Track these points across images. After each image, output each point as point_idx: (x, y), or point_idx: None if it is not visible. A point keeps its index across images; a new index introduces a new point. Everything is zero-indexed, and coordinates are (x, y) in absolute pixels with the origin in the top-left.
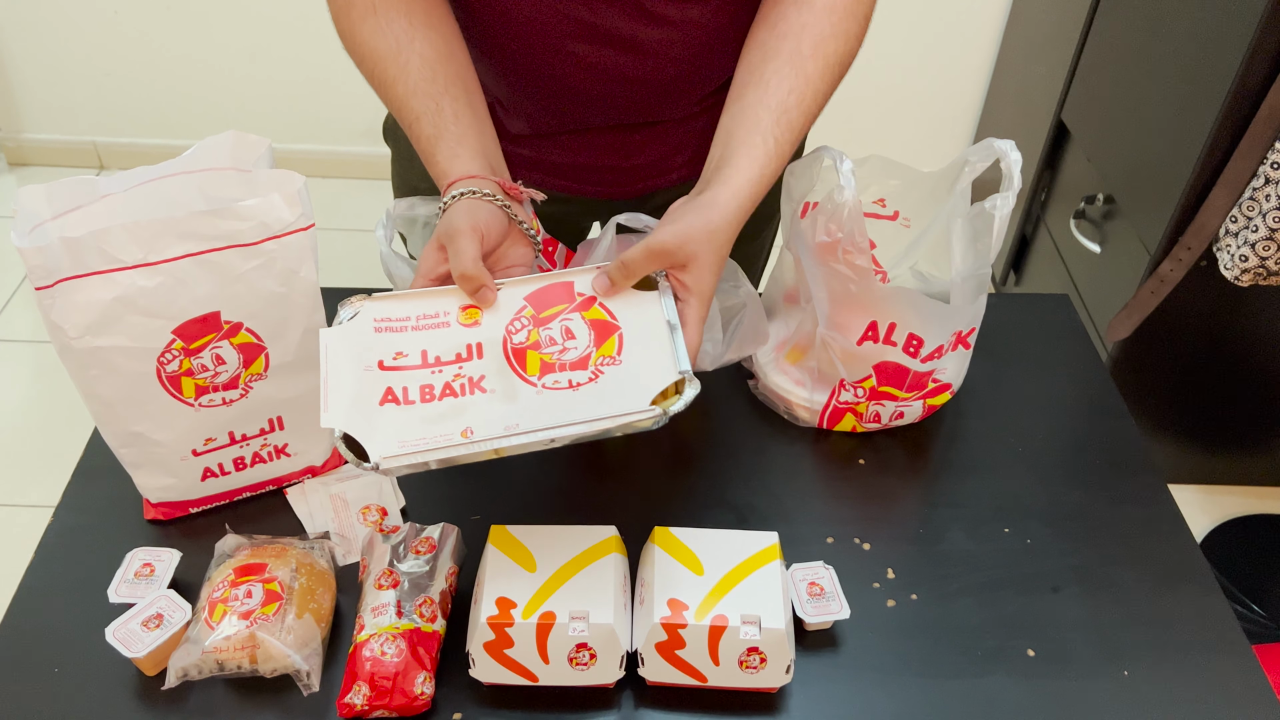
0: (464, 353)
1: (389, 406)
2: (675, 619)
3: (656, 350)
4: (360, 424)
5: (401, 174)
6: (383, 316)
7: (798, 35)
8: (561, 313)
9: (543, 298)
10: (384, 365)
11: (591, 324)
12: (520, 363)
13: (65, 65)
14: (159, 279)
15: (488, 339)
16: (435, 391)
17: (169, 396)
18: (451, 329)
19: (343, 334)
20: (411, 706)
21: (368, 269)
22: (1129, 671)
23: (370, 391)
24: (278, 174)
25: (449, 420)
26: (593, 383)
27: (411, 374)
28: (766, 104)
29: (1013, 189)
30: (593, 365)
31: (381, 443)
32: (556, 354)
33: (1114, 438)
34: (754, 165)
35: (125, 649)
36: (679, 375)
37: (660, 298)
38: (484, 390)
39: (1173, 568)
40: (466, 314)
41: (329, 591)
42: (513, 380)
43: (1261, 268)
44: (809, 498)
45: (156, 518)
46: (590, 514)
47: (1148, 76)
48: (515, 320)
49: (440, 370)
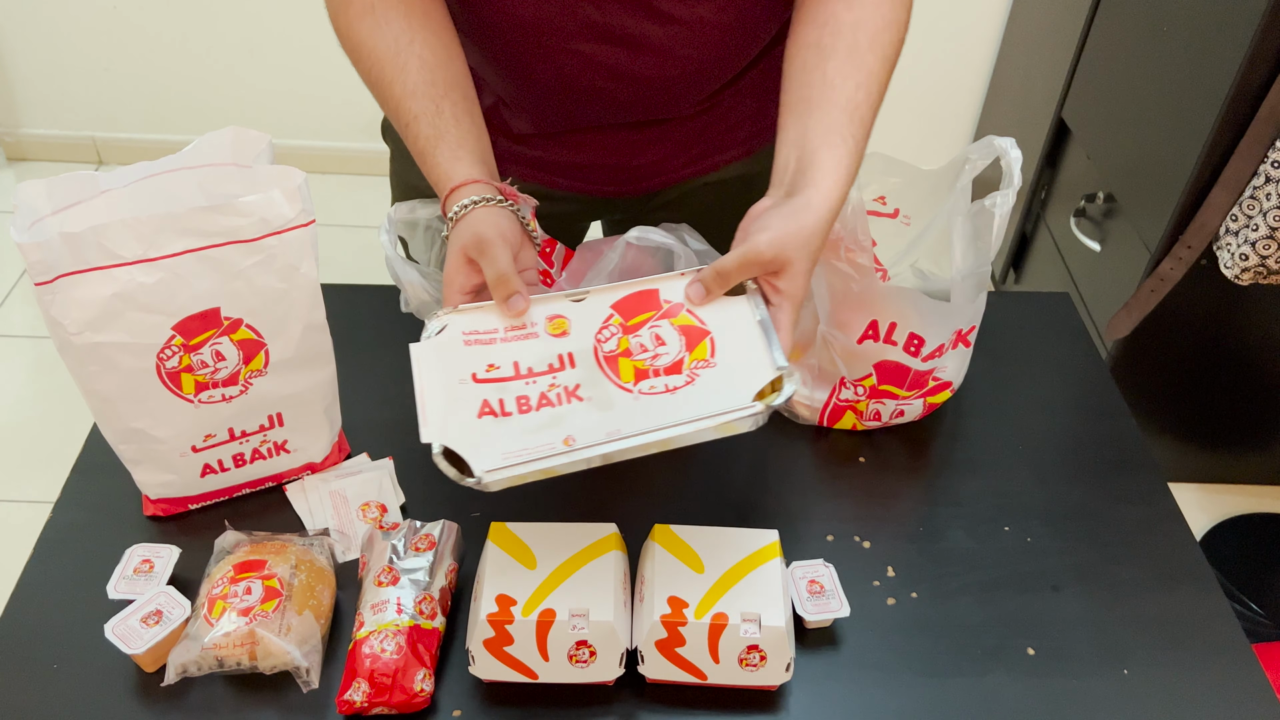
0: (556, 363)
1: (487, 419)
2: (675, 616)
3: (749, 351)
4: (460, 437)
5: (400, 172)
6: (470, 329)
7: (853, 31)
8: (649, 320)
9: (629, 305)
10: (478, 378)
11: (681, 330)
12: (614, 370)
13: (64, 60)
14: (159, 275)
15: (578, 348)
16: (532, 402)
17: (169, 393)
18: (541, 339)
19: (433, 348)
20: (411, 703)
21: (368, 265)
22: (1128, 670)
23: (467, 404)
24: (278, 170)
25: (549, 430)
26: (689, 385)
27: (506, 386)
28: (837, 103)
29: (1013, 187)
30: (687, 369)
31: (485, 455)
32: (649, 360)
33: (1114, 436)
34: (839, 167)
35: (124, 645)
36: (777, 372)
37: (749, 299)
38: (580, 399)
39: (1172, 566)
40: (554, 324)
41: (328, 588)
42: (608, 387)
43: (1262, 266)
44: (809, 496)
45: (156, 514)
46: (590, 511)
47: (1148, 75)
48: (604, 329)
49: (534, 381)
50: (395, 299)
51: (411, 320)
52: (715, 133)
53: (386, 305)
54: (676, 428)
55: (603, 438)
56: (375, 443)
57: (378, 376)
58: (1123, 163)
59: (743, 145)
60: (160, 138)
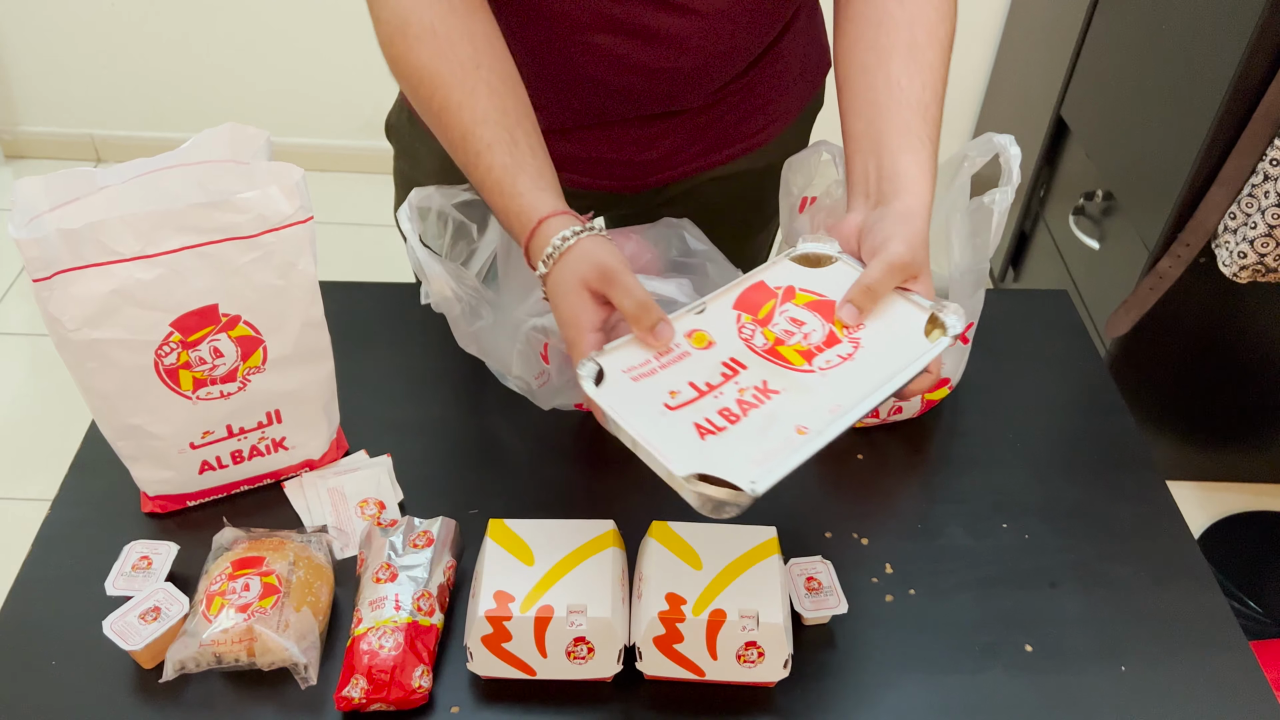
0: (727, 370)
1: (710, 439)
2: (673, 613)
3: (886, 304)
4: (704, 461)
5: (404, 171)
6: (627, 366)
7: (909, 28)
8: (774, 308)
9: (748, 302)
10: (671, 406)
11: (809, 307)
12: (782, 359)
13: (62, 58)
14: (157, 271)
15: (735, 351)
16: (736, 410)
17: (167, 389)
18: (694, 356)
19: (612, 392)
20: (409, 700)
21: (367, 263)
22: (1126, 667)
23: (683, 432)
24: (276, 166)
25: (775, 428)
26: (859, 350)
27: (701, 404)
28: (907, 104)
29: (1011, 184)
30: (845, 337)
31: (738, 468)
32: (804, 341)
33: (1112, 434)
34: (924, 171)
35: (122, 641)
36: (929, 309)
37: (841, 267)
38: (776, 391)
39: (1170, 564)
40: (695, 338)
41: (327, 585)
42: (792, 375)
43: (1260, 264)
44: (807, 493)
45: (154, 511)
46: (588, 508)
47: (1147, 73)
48: (741, 329)
49: (721, 393)
50: (393, 296)
51: (411, 317)
52: (723, 127)
53: (385, 303)
54: (889, 383)
55: (829, 417)
56: (374, 440)
57: (376, 374)
58: (1121, 161)
59: (750, 139)
60: (159, 135)
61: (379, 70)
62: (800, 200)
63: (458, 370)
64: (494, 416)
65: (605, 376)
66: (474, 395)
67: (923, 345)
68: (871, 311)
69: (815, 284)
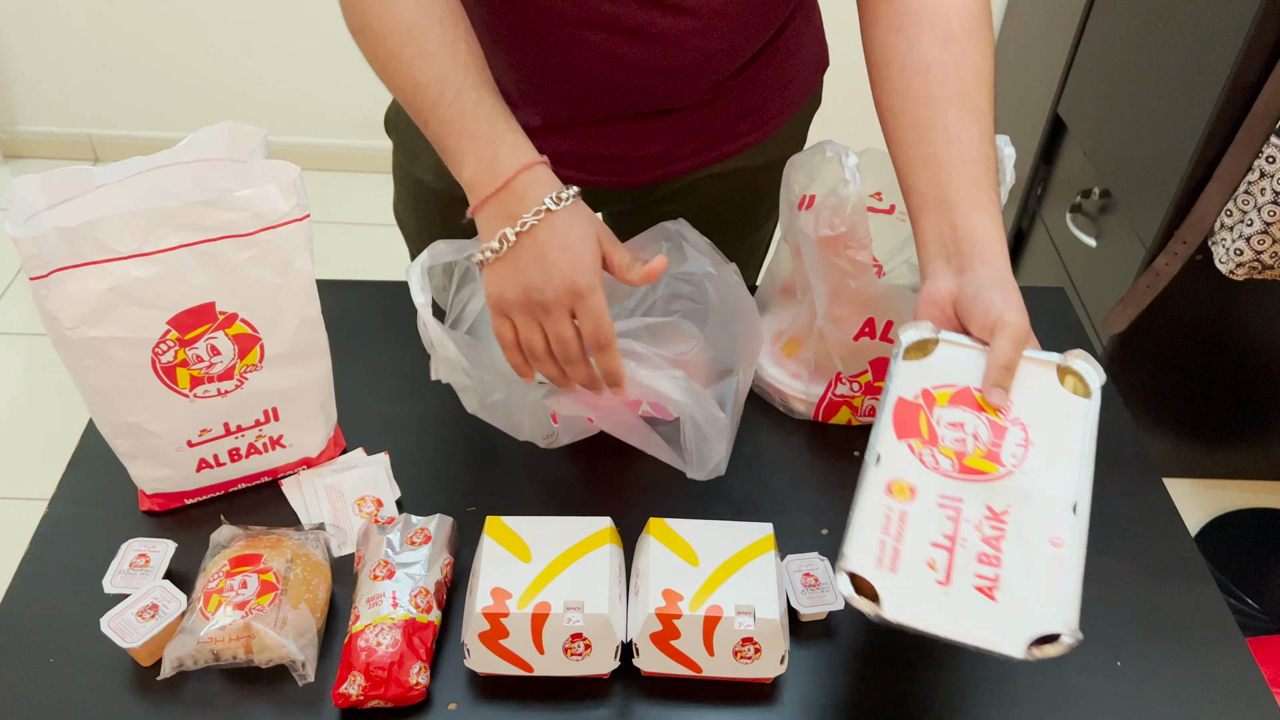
0: (950, 513)
1: (997, 594)
2: (670, 609)
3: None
4: (1019, 627)
5: (402, 165)
6: (874, 559)
7: (958, 74)
8: (929, 420)
9: (905, 426)
10: (942, 582)
11: (953, 404)
12: (978, 472)
13: (60, 57)
14: (154, 269)
15: (939, 487)
16: (990, 551)
17: (164, 387)
18: (912, 513)
19: (889, 599)
20: (406, 696)
21: (363, 262)
22: (1121, 663)
23: (975, 604)
24: (273, 164)
25: (1034, 551)
26: (1028, 429)
27: (960, 564)
28: (970, 159)
29: (1006, 183)
30: (1005, 422)
31: (1048, 617)
32: (977, 443)
33: (1109, 431)
34: (1000, 228)
35: (120, 639)
36: (1054, 362)
37: (946, 347)
38: (1005, 511)
39: (1167, 561)
40: (897, 492)
41: (324, 582)
42: (1001, 486)
43: (1256, 261)
44: (804, 489)
45: (152, 509)
46: (585, 505)
47: (1144, 71)
48: (922, 459)
49: (965, 540)
50: (390, 295)
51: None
52: (719, 124)
53: (382, 301)
54: (1085, 450)
55: (1068, 517)
56: (371, 438)
57: (374, 372)
58: (1118, 158)
59: (747, 136)
60: (157, 135)
61: None
62: (801, 198)
63: None
64: None
65: (873, 587)
66: None
67: (1072, 399)
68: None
69: (941, 377)
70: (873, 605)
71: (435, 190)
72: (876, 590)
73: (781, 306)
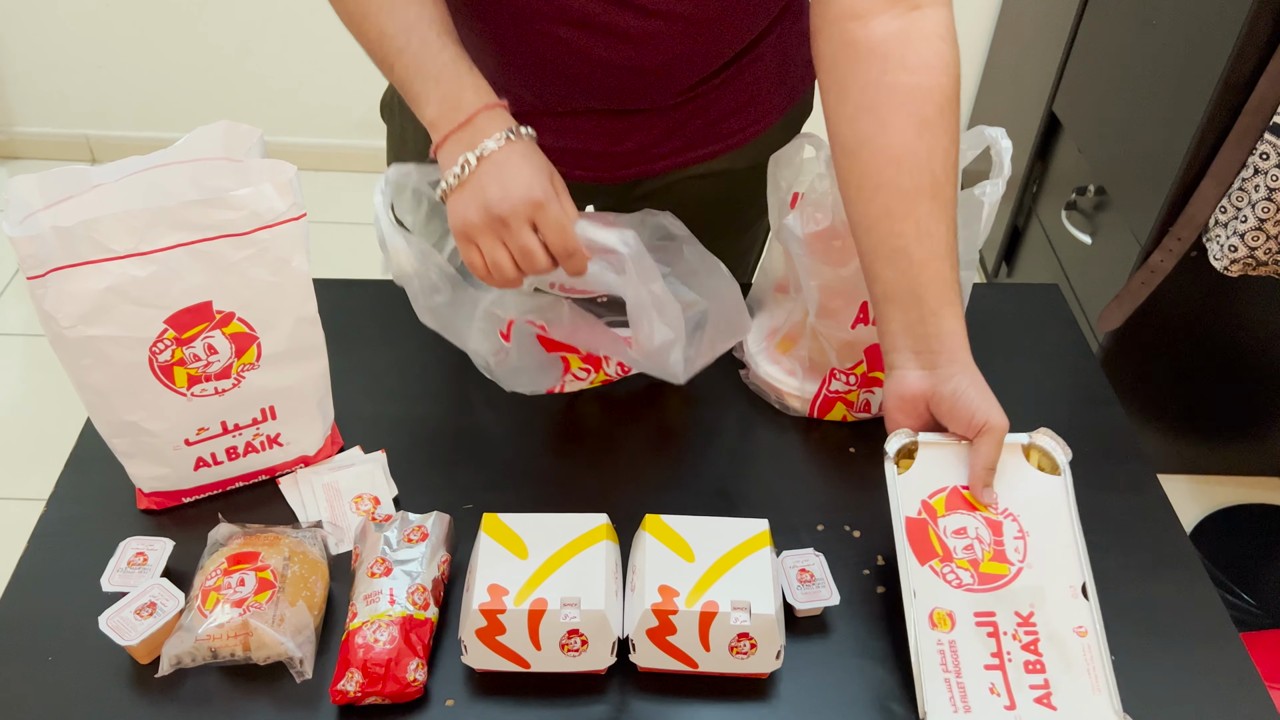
0: (989, 630)
1: (1055, 700)
2: (666, 605)
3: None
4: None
5: (396, 151)
6: (946, 706)
7: (930, 164)
8: (937, 535)
9: (920, 547)
10: (1009, 707)
11: (950, 511)
12: (995, 578)
13: (57, 58)
14: (151, 268)
15: (970, 606)
16: (1032, 657)
17: (161, 386)
18: (959, 641)
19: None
20: (404, 693)
21: (360, 261)
22: (1117, 658)
23: (1039, 717)
24: (269, 163)
25: (1066, 646)
26: (1018, 518)
27: (1014, 681)
28: (941, 253)
29: (1003, 176)
30: (997, 516)
31: (1103, 712)
32: (982, 546)
33: (1104, 427)
34: (962, 321)
35: (118, 637)
36: (1019, 444)
37: (926, 450)
38: (1032, 613)
39: (1162, 556)
40: (940, 621)
41: (322, 580)
42: (1018, 589)
43: (1251, 258)
44: (800, 486)
45: (149, 507)
46: (582, 502)
47: (1138, 68)
48: (947, 578)
49: (1010, 656)
50: (388, 293)
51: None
52: (697, 126)
53: (379, 300)
54: (1074, 527)
55: (1080, 602)
56: (368, 436)
57: (371, 370)
58: (1113, 155)
59: (729, 139)
60: (154, 135)
61: (371, 70)
62: (791, 196)
63: (452, 366)
64: (488, 412)
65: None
66: (468, 391)
67: (1042, 477)
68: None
69: (932, 483)
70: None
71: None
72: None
73: (776, 304)
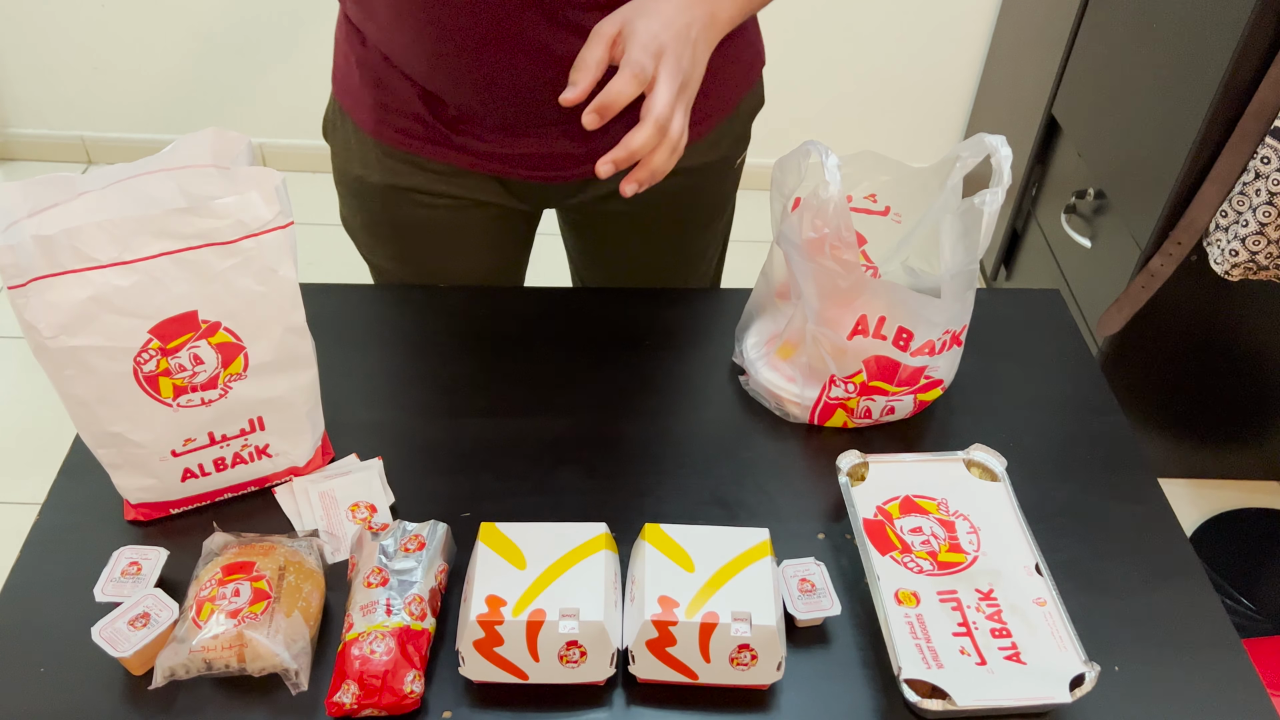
0: (953, 604)
1: (1024, 658)
2: (666, 616)
3: (934, 472)
4: (1048, 675)
5: (342, 168)
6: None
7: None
8: (895, 533)
9: (880, 541)
10: (980, 663)
11: (905, 512)
12: (954, 565)
13: (53, 60)
14: (135, 278)
15: (934, 587)
16: (997, 625)
17: (146, 397)
18: (926, 613)
19: (955, 691)
20: (401, 705)
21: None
22: (1119, 666)
23: (1010, 670)
24: (256, 171)
25: (1029, 616)
26: (969, 517)
27: (984, 645)
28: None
29: (1003, 184)
30: (949, 516)
31: (1071, 662)
32: (936, 541)
33: (1104, 432)
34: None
35: (111, 648)
36: (961, 458)
37: (875, 467)
38: (992, 589)
39: (1163, 562)
40: (905, 599)
41: (318, 590)
42: (978, 571)
43: (1251, 262)
44: (800, 494)
45: (137, 519)
46: (580, 511)
47: (1138, 72)
48: (909, 566)
49: (976, 625)
50: (384, 298)
51: (401, 320)
52: None
53: (375, 306)
54: (1020, 522)
55: (1036, 579)
56: (365, 443)
57: (367, 377)
58: (1113, 159)
59: (700, 124)
60: (150, 137)
61: None
62: (794, 200)
63: (449, 374)
64: (485, 420)
65: (931, 685)
66: (465, 399)
67: (987, 486)
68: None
69: (885, 493)
70: (941, 701)
71: (376, 185)
72: (941, 688)
73: (777, 309)
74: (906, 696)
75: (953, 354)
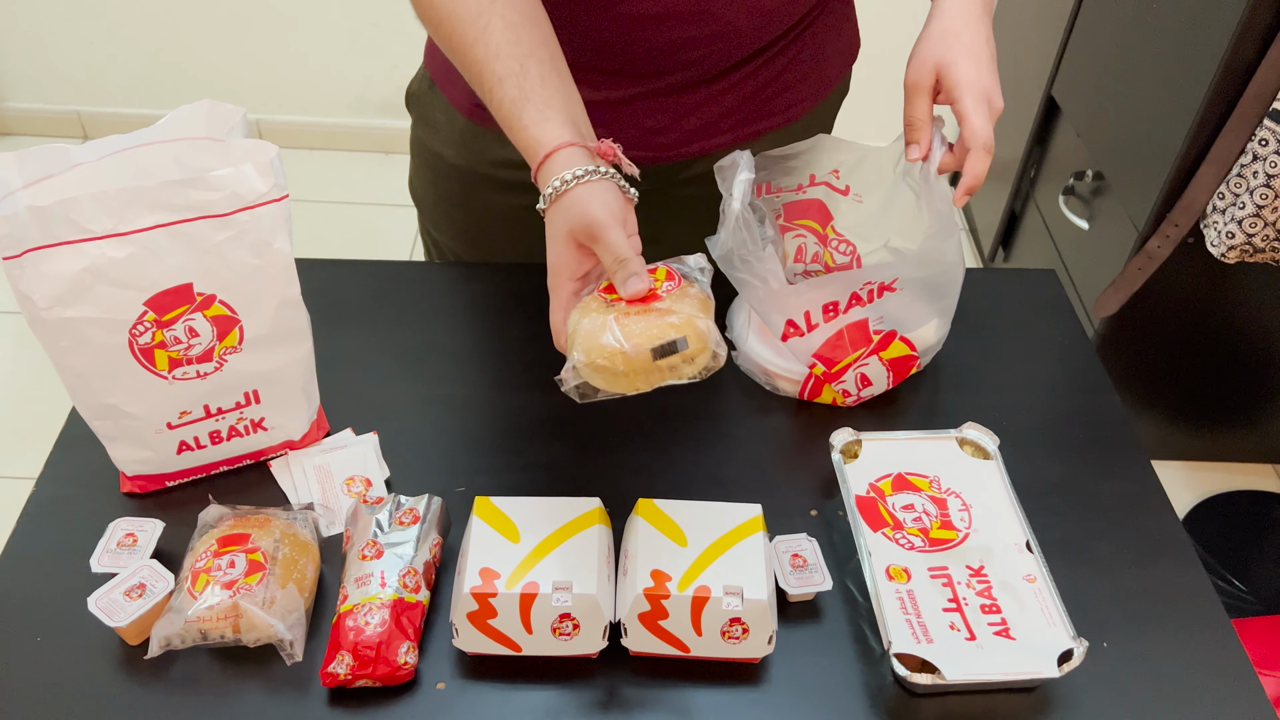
0: (943, 580)
1: (1014, 634)
2: (658, 589)
3: (931, 451)
4: (1036, 650)
5: (421, 140)
6: (912, 641)
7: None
8: (888, 509)
9: (872, 518)
10: (970, 638)
11: (897, 490)
12: (945, 542)
13: (49, 34)
14: (129, 249)
15: (924, 563)
16: (988, 602)
17: (142, 369)
18: (916, 588)
19: (944, 665)
20: (394, 676)
21: (354, 241)
22: (1108, 643)
23: (1001, 647)
24: (251, 144)
25: (1019, 592)
26: (961, 495)
27: (973, 621)
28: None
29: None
30: (942, 495)
31: (1060, 639)
32: (929, 518)
33: (1098, 413)
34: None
35: (108, 618)
36: (953, 436)
37: (867, 445)
38: (983, 566)
39: (1155, 543)
40: (896, 575)
41: (312, 562)
42: (969, 548)
43: (1248, 245)
44: (793, 470)
45: (132, 491)
46: (574, 486)
47: (1138, 53)
48: (899, 542)
49: (967, 601)
50: (381, 274)
51: (398, 295)
52: (759, 100)
53: (372, 280)
54: (1011, 498)
55: (1027, 556)
56: (361, 417)
57: (363, 351)
58: (1112, 141)
59: (784, 113)
60: (146, 112)
61: (370, 47)
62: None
63: (445, 348)
64: (481, 394)
65: (921, 659)
66: (461, 374)
67: (979, 464)
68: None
69: (877, 470)
70: (930, 675)
71: (455, 166)
72: (930, 662)
73: None
74: (896, 671)
75: (901, 300)
